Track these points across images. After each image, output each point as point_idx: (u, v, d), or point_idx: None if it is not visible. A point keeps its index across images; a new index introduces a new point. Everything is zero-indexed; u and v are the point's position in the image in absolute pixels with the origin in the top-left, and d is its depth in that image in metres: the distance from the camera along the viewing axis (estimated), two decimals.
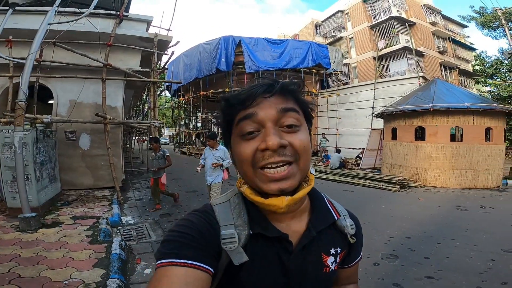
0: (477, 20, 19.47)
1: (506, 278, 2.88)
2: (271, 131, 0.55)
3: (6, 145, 4.50)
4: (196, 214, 0.60)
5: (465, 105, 8.05)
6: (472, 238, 4.09)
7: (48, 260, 3.08)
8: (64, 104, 6.83)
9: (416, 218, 5.10)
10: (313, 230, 0.62)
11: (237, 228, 0.58)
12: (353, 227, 0.69)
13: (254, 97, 0.57)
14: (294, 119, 0.57)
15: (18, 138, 3.80)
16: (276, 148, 0.53)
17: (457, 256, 3.44)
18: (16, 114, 3.90)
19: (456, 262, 3.28)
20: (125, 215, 5.34)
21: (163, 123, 21.40)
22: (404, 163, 9.23)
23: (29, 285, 2.53)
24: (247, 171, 0.58)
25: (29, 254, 3.22)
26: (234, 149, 0.61)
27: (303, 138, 0.57)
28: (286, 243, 0.60)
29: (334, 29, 23.55)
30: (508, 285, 2.76)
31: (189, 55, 18.32)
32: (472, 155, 8.31)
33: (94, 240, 3.75)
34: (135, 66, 7.43)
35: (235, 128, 0.59)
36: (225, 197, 0.65)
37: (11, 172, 4.51)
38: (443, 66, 20.53)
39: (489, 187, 8.43)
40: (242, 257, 0.55)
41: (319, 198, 0.68)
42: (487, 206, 6.07)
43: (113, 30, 6.69)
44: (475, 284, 2.79)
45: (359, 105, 16.28)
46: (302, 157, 0.57)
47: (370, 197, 7.00)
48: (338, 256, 0.67)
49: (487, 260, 3.31)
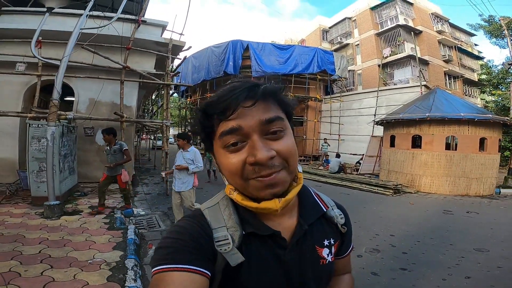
0: (486, 29, 19.64)
1: (470, 273, 3.28)
2: (259, 144, 0.54)
3: (35, 138, 5.04)
4: (187, 219, 0.61)
5: (460, 115, 8.41)
6: (449, 238, 4.49)
7: (73, 243, 3.56)
8: (84, 102, 7.39)
9: (403, 219, 5.51)
10: (304, 224, 0.63)
11: (229, 229, 0.58)
12: (342, 217, 0.71)
13: (235, 107, 0.54)
14: (279, 125, 0.57)
15: (51, 132, 4.33)
16: (265, 163, 0.54)
17: (431, 253, 3.85)
18: (50, 111, 4.43)
19: (429, 258, 3.69)
20: (136, 207, 5.84)
21: (174, 123, 21.99)
22: (401, 170, 9.60)
23: (59, 263, 2.99)
24: (238, 182, 0.58)
25: (55, 238, 3.69)
26: (219, 160, 0.60)
27: (289, 143, 0.58)
28: (279, 240, 0.60)
29: (341, 35, 23.92)
30: (471, 280, 3.15)
31: (198, 57, 18.87)
32: (465, 164, 8.64)
33: (111, 227, 4.25)
34: (150, 69, 7.96)
35: (218, 141, 0.58)
36: (214, 201, 0.65)
37: (38, 163, 5.04)
38: (447, 75, 20.76)
39: (481, 194, 8.74)
40: (238, 258, 0.55)
41: (306, 192, 0.69)
42: (473, 211, 6.43)
43: (132, 35, 7.26)
44: (441, 276, 3.20)
45: (361, 112, 16.61)
46: (290, 162, 0.57)
47: (364, 200, 7.41)
48: (333, 247, 0.68)
49: (457, 257, 3.71)
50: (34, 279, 2.63)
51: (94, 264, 3.07)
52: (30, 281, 2.57)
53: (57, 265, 2.95)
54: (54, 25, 6.62)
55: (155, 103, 14.56)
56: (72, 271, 2.84)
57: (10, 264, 2.85)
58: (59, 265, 2.94)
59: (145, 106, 16.77)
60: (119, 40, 6.94)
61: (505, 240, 4.50)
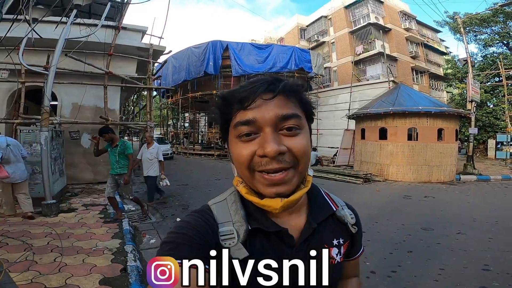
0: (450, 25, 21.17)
1: (413, 248, 3.95)
2: (270, 137, 0.54)
3: (26, 143, 5.33)
4: (194, 214, 0.61)
5: (419, 108, 9.37)
6: (402, 219, 5.27)
7: (75, 235, 4.00)
8: (68, 107, 7.63)
9: (367, 204, 6.28)
10: (313, 222, 0.62)
11: (235, 224, 0.59)
12: (352, 217, 0.70)
13: (253, 97, 0.55)
14: (295, 122, 0.57)
15: (44, 137, 4.68)
16: (274, 155, 0.53)
17: (385, 232, 4.59)
18: (43, 117, 4.78)
19: (382, 236, 4.40)
20: (126, 204, 6.24)
21: (158, 124, 22.02)
22: (371, 160, 10.50)
23: (68, 251, 3.43)
24: (244, 173, 0.58)
25: (59, 231, 4.10)
26: (231, 149, 0.60)
27: (303, 142, 0.57)
28: (286, 237, 0.60)
29: (317, 33, 24.83)
30: (412, 253, 3.78)
31: (178, 57, 19.07)
32: (426, 153, 9.63)
33: (107, 221, 4.68)
34: (132, 73, 8.29)
35: (233, 129, 0.59)
36: (222, 196, 0.65)
37: (31, 166, 5.33)
38: (414, 70, 22.20)
39: (443, 181, 9.74)
40: (242, 253, 0.55)
41: (316, 191, 0.69)
42: (430, 196, 7.34)
43: (113, 41, 7.56)
44: (389, 251, 3.86)
45: (337, 107, 17.53)
46: (301, 162, 0.57)
47: (336, 188, 8.18)
48: (342, 247, 0.67)
49: (405, 235, 4.43)
50: (49, 265, 3.08)
51: (98, 250, 3.54)
52: (46, 267, 3.02)
53: (66, 252, 3.40)
54: (35, 33, 6.80)
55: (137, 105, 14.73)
56: (80, 257, 3.30)
57: (25, 254, 3.26)
58: (68, 253, 3.39)
59: (125, 108, 16.83)
60: (100, 46, 7.22)
61: (450, 220, 5.27)
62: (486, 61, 19.90)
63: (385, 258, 3.64)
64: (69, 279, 2.83)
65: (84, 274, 2.93)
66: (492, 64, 18.91)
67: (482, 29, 19.85)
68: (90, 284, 2.77)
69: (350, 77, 17.79)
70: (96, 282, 2.81)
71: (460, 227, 4.80)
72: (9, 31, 6.83)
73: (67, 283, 2.76)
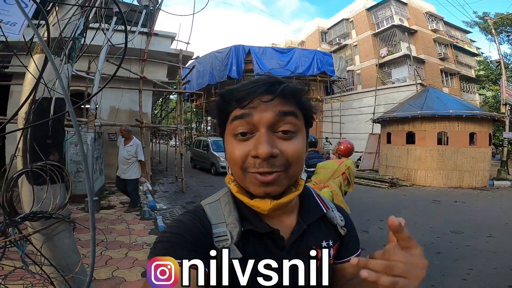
0: (480, 26, 20.24)
1: (441, 249, 3.93)
2: (263, 138, 0.54)
3: (72, 143, 5.82)
4: (187, 214, 0.62)
5: (449, 112, 9.08)
6: (431, 222, 5.19)
7: (117, 230, 4.32)
8: (106, 110, 8.18)
9: (394, 208, 6.21)
10: (303, 224, 0.63)
11: (229, 226, 0.59)
12: (342, 219, 0.71)
13: (252, 98, 0.55)
14: (291, 124, 0.57)
15: (90, 138, 5.11)
16: (266, 157, 0.53)
17: (412, 234, 4.16)
18: (89, 120, 5.22)
19: None
20: (157, 203, 6.59)
21: (187, 127, 22.76)
22: (397, 165, 10.27)
23: (111, 245, 3.73)
24: (237, 172, 0.59)
25: (101, 227, 4.43)
26: (226, 147, 0.61)
27: (297, 146, 0.57)
28: (277, 238, 0.61)
29: (339, 36, 24.61)
30: (440, 254, 3.78)
31: (201, 62, 19.61)
32: (457, 157, 9.30)
33: (143, 218, 5.01)
34: (163, 77, 8.74)
35: (229, 126, 0.59)
36: (215, 197, 0.66)
37: (75, 165, 5.82)
38: (443, 73, 21.36)
39: (474, 186, 9.34)
40: (235, 255, 0.55)
41: (308, 193, 0.70)
42: (460, 201, 7.10)
43: (147, 47, 8.03)
44: None
45: (361, 111, 17.26)
46: (292, 165, 0.57)
47: (361, 192, 8.08)
48: (331, 249, 0.67)
49: (433, 237, 4.39)
50: (96, 258, 3.37)
51: (138, 245, 3.82)
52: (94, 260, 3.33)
53: (110, 246, 3.70)
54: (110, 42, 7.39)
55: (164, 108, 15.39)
56: (123, 251, 3.59)
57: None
58: (112, 247, 3.69)
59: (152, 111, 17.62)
60: (134, 51, 7.69)
61: (481, 224, 5.14)
62: None
63: None
64: (115, 271, 3.09)
65: (128, 267, 3.19)
66: None
67: None
68: (133, 277, 3.01)
69: (374, 80, 17.49)
70: (138, 275, 3.05)
71: (490, 231, 4.69)
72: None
73: (113, 275, 3.02)
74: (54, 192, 1.34)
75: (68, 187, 1.47)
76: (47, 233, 1.26)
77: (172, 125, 9.81)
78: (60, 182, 1.36)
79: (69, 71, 1.43)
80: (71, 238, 1.53)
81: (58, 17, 1.37)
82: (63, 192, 1.43)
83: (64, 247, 1.44)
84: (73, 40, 1.39)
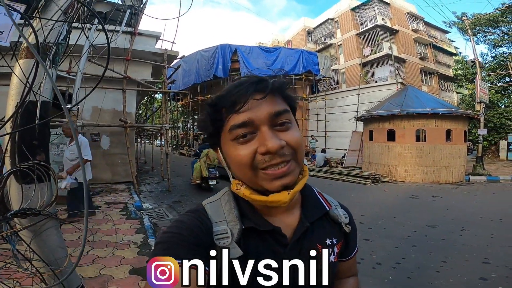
0: (459, 26, 21.07)
1: (417, 243, 4.14)
2: (269, 135, 0.56)
3: (53, 144, 5.74)
4: (188, 214, 0.62)
5: (426, 110, 9.49)
6: (409, 217, 5.45)
7: (102, 230, 4.32)
8: (88, 110, 8.06)
9: (375, 203, 6.47)
10: (306, 221, 0.63)
11: (229, 223, 0.59)
12: (346, 217, 0.71)
13: (245, 99, 0.56)
14: (287, 117, 0.59)
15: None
16: (277, 151, 0.55)
17: (391, 228, 4.79)
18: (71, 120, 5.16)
19: (388, 232, 4.61)
20: (143, 202, 6.60)
21: (173, 127, 22.53)
22: (379, 161, 10.64)
23: (98, 245, 3.74)
24: (246, 173, 0.58)
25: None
26: (227, 153, 0.61)
27: (297, 134, 0.59)
28: (279, 236, 0.60)
29: (324, 36, 25.03)
30: (416, 248, 3.97)
31: (187, 61, 19.50)
32: (434, 154, 9.72)
33: (129, 217, 5.03)
34: (147, 77, 8.68)
35: (227, 134, 0.59)
36: (216, 196, 0.67)
37: (58, 166, 5.74)
38: (423, 72, 22.14)
39: (451, 182, 9.79)
40: (236, 252, 0.55)
41: (310, 191, 0.70)
42: (437, 196, 7.46)
43: (130, 46, 7.96)
44: (394, 245, 4.06)
45: (345, 109, 17.64)
46: (298, 152, 0.59)
47: (345, 189, 8.38)
48: (335, 247, 0.67)
49: (411, 231, 4.62)
50: (83, 257, 3.39)
51: (124, 244, 3.86)
52: (81, 259, 3.35)
53: (96, 246, 3.72)
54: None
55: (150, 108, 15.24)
56: (109, 250, 3.62)
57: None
58: (98, 246, 3.71)
59: (136, 111, 17.40)
60: (118, 51, 7.60)
61: (456, 218, 5.42)
62: (496, 62, 19.74)
63: (390, 252, 3.85)
64: (102, 269, 3.13)
65: (115, 265, 3.23)
66: (503, 64, 18.76)
67: (492, 30, 19.72)
68: (121, 274, 3.06)
69: (358, 79, 17.93)
70: (126, 272, 3.10)
71: (464, 224, 4.95)
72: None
73: (101, 273, 3.06)
74: (41, 190, 1.41)
75: (55, 186, 1.54)
76: (36, 229, 1.33)
77: (157, 125, 9.74)
78: (47, 181, 1.43)
79: (53, 76, 1.49)
80: (58, 235, 1.60)
81: (42, 23, 1.43)
82: (49, 191, 1.50)
83: (52, 243, 1.51)
84: (56, 45, 1.45)
